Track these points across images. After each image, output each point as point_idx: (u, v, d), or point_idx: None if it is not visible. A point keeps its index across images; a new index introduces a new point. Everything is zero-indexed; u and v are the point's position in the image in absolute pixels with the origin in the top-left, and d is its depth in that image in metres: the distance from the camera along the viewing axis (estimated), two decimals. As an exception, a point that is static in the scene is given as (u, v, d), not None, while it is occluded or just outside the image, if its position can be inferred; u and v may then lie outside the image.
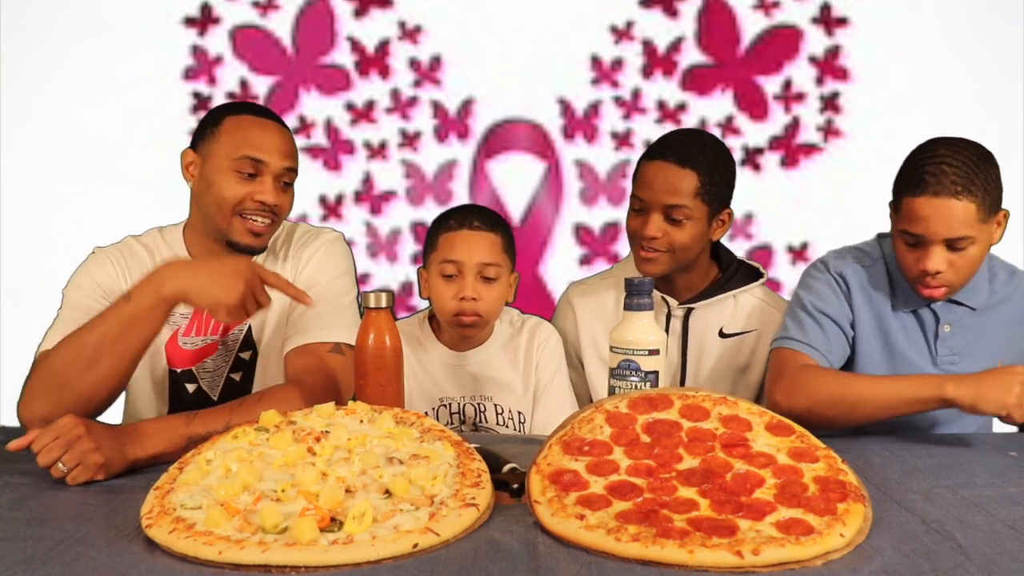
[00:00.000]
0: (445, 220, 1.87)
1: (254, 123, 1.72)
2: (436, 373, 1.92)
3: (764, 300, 2.04)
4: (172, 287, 1.46)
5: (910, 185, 1.64)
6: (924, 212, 1.61)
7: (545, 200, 3.61)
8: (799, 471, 1.20)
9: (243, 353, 1.79)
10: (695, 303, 2.00)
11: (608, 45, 3.55)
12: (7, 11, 3.40)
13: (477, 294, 1.81)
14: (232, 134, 1.70)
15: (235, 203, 1.69)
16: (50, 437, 1.34)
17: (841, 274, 1.80)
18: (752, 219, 3.57)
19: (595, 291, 2.08)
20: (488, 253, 1.83)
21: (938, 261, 1.63)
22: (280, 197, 1.73)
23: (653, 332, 1.49)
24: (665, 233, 1.89)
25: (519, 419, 1.91)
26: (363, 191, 3.61)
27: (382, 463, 1.23)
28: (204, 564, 1.05)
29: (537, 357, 1.94)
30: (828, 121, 3.57)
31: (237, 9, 3.53)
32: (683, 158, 1.89)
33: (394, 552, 1.06)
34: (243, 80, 3.54)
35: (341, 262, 1.82)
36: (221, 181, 1.69)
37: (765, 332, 1.98)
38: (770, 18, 3.54)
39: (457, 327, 1.85)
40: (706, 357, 2.01)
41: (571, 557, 1.07)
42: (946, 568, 1.03)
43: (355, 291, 1.83)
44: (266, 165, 1.70)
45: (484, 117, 3.59)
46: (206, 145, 1.72)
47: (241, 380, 1.79)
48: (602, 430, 1.28)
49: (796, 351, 1.74)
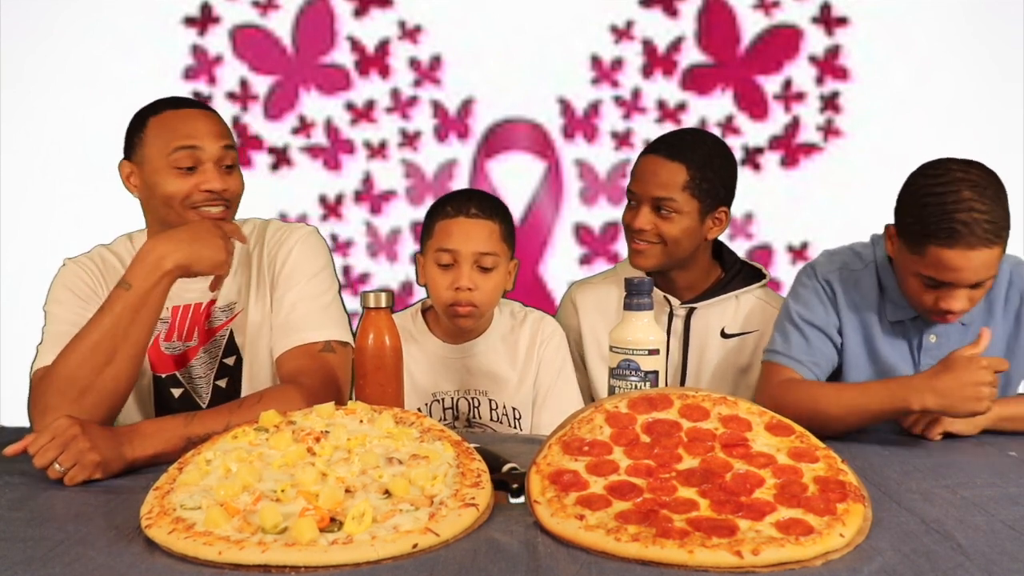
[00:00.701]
0: (442, 206, 1.83)
1: (177, 115, 1.68)
2: (428, 366, 1.88)
3: (766, 301, 2.04)
4: (172, 260, 1.50)
5: (938, 234, 1.55)
6: (957, 264, 1.55)
7: (545, 200, 3.61)
8: (799, 471, 1.20)
9: (227, 359, 1.77)
10: (697, 303, 2.01)
11: (608, 45, 3.55)
12: (7, 11, 3.40)
13: (473, 284, 1.77)
14: (159, 132, 1.66)
15: (182, 198, 1.65)
16: (46, 438, 1.34)
17: (828, 281, 1.78)
18: (752, 219, 3.57)
19: (598, 289, 2.09)
20: (485, 242, 1.78)
21: (962, 302, 1.60)
22: (227, 180, 1.68)
23: (653, 332, 1.49)
24: (654, 226, 1.91)
25: (514, 415, 1.88)
26: (363, 191, 3.60)
27: (382, 463, 1.23)
28: (204, 564, 1.05)
29: (539, 355, 1.90)
30: (828, 121, 3.56)
31: (237, 9, 3.53)
32: (673, 152, 1.91)
33: (394, 552, 1.05)
34: (243, 80, 3.54)
35: (319, 258, 1.78)
36: (163, 181, 1.65)
37: (766, 333, 1.97)
38: (770, 18, 3.54)
39: (453, 317, 1.81)
40: (707, 357, 2.02)
41: (571, 557, 1.07)
42: (946, 568, 1.03)
43: (336, 285, 1.79)
44: (202, 151, 1.65)
45: (484, 117, 3.58)
46: (138, 152, 1.68)
47: (227, 387, 1.77)
48: (602, 430, 1.28)
49: (778, 365, 1.76)
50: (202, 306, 1.75)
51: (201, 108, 1.72)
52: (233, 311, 1.76)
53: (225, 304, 1.76)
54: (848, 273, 1.79)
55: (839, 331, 1.77)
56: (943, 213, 1.55)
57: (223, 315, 1.76)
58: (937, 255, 1.56)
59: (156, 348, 1.74)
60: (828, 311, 1.77)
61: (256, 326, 1.75)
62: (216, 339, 1.76)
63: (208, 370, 1.76)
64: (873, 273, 1.78)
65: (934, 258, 1.57)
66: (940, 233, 1.55)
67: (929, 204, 1.57)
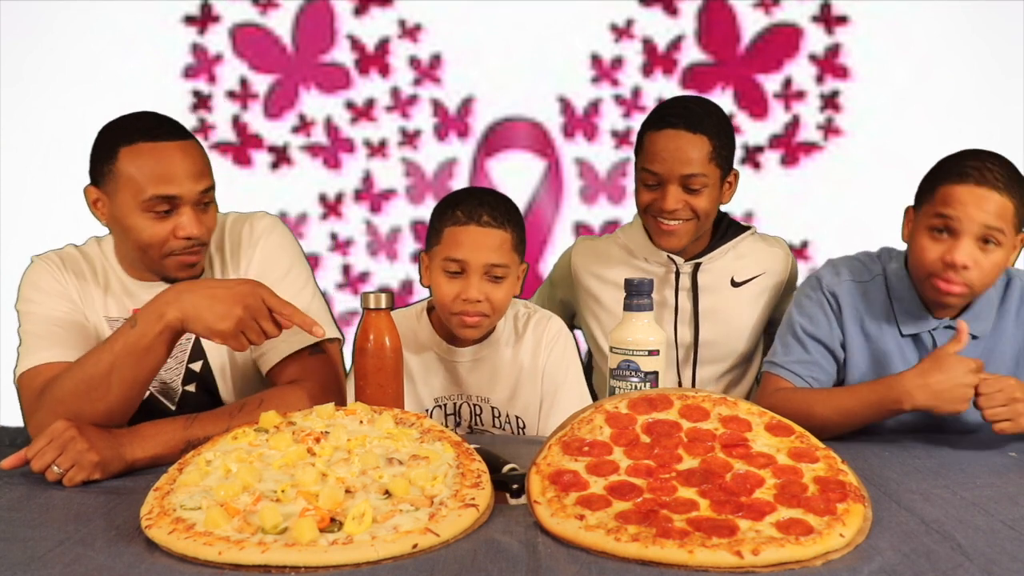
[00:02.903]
0: (451, 210, 1.72)
1: (153, 152, 1.54)
2: (431, 371, 1.83)
3: (762, 243, 2.08)
4: (173, 314, 1.40)
5: (950, 175, 1.61)
6: (964, 198, 1.58)
7: (545, 198, 3.61)
8: (799, 471, 1.20)
9: (193, 364, 1.69)
10: (699, 259, 2.02)
11: (608, 43, 3.55)
12: (7, 9, 3.39)
13: (482, 295, 1.70)
14: (133, 171, 1.54)
15: (159, 245, 1.57)
16: (43, 442, 1.35)
17: (834, 293, 1.76)
18: (752, 217, 3.56)
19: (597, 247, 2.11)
20: (496, 252, 1.70)
21: (967, 254, 1.58)
22: (203, 224, 1.59)
23: (653, 333, 1.49)
24: (685, 203, 1.89)
25: (517, 424, 1.83)
26: (363, 189, 3.60)
27: (382, 464, 1.23)
28: (204, 564, 1.05)
29: (545, 358, 1.84)
30: (828, 119, 3.56)
31: (237, 7, 3.52)
32: (693, 124, 1.87)
33: (394, 552, 1.06)
34: (243, 78, 3.54)
35: (288, 252, 1.71)
36: (137, 225, 1.56)
37: (771, 273, 2.04)
38: (770, 16, 3.53)
39: (460, 327, 1.75)
40: (722, 308, 2.02)
41: (571, 557, 1.07)
42: (946, 568, 1.03)
43: (311, 276, 1.73)
44: (180, 198, 1.55)
45: (484, 115, 3.58)
46: (108, 183, 1.57)
47: (197, 391, 1.69)
48: (602, 430, 1.28)
49: (776, 376, 1.76)
50: None
51: (178, 139, 1.58)
52: None
53: None
54: (855, 285, 1.76)
55: (842, 345, 1.76)
56: (957, 159, 1.63)
57: None
58: (946, 192, 1.61)
59: None
60: (832, 325, 1.75)
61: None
62: (181, 343, 1.63)
63: (174, 375, 1.68)
64: (882, 285, 1.75)
65: (943, 196, 1.61)
66: (951, 173, 1.61)
67: (945, 160, 1.66)
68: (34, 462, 1.34)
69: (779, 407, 1.41)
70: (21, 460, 1.36)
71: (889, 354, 1.73)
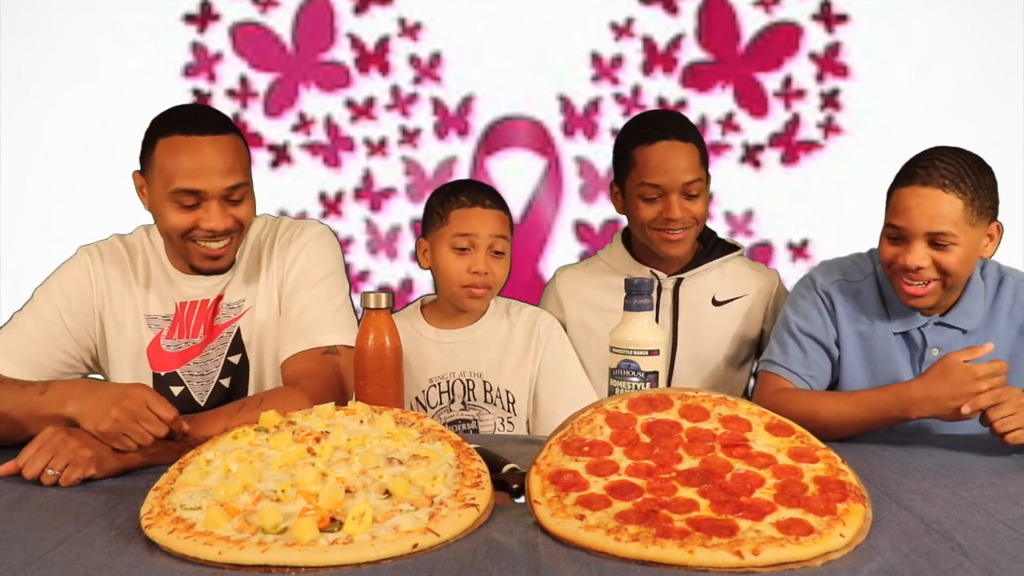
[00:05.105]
0: (455, 196, 1.91)
1: (185, 146, 1.58)
2: (426, 355, 1.94)
3: (748, 267, 2.12)
4: (70, 409, 1.43)
5: (900, 178, 1.65)
6: (909, 202, 1.61)
7: (545, 197, 3.61)
8: (799, 471, 1.20)
9: (232, 357, 1.75)
10: (682, 274, 2.05)
11: (608, 42, 3.55)
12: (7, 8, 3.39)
13: (489, 268, 1.88)
14: (164, 163, 1.59)
15: (182, 232, 1.62)
16: (33, 449, 1.35)
17: (827, 292, 1.78)
18: (752, 216, 3.57)
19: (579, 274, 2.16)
20: (499, 228, 1.90)
21: (918, 257, 1.61)
22: (228, 219, 1.62)
23: (653, 332, 1.49)
24: (687, 211, 1.95)
25: (508, 398, 1.93)
26: (363, 188, 3.60)
27: (382, 463, 1.23)
28: (204, 564, 1.05)
29: (540, 348, 1.96)
30: (828, 118, 3.56)
31: (237, 6, 3.52)
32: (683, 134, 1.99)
33: (394, 552, 1.06)
34: (243, 77, 3.54)
35: (329, 259, 1.77)
36: (164, 212, 1.62)
37: (753, 296, 2.06)
38: (770, 15, 3.53)
39: (467, 298, 1.90)
40: (703, 325, 2.05)
41: (571, 557, 1.07)
42: (946, 568, 1.04)
43: (347, 287, 1.79)
44: (205, 193, 1.59)
45: (484, 114, 3.58)
46: (148, 171, 1.64)
47: (231, 386, 1.75)
48: (602, 430, 1.28)
49: (775, 375, 1.77)
50: (209, 302, 1.74)
51: (212, 134, 1.61)
52: (241, 308, 1.75)
53: (234, 301, 1.74)
54: (847, 284, 1.79)
55: (837, 343, 1.78)
56: (912, 160, 1.66)
57: (231, 312, 1.75)
58: (896, 197, 1.64)
59: (156, 346, 1.73)
60: (826, 323, 1.78)
61: (263, 324, 1.74)
62: (222, 336, 1.74)
63: (212, 367, 1.74)
64: (873, 284, 1.78)
65: (893, 202, 1.65)
66: (901, 175, 1.65)
67: (906, 162, 1.68)
68: (26, 469, 1.34)
69: (781, 408, 1.41)
70: (11, 469, 1.37)
71: (882, 352, 1.75)
